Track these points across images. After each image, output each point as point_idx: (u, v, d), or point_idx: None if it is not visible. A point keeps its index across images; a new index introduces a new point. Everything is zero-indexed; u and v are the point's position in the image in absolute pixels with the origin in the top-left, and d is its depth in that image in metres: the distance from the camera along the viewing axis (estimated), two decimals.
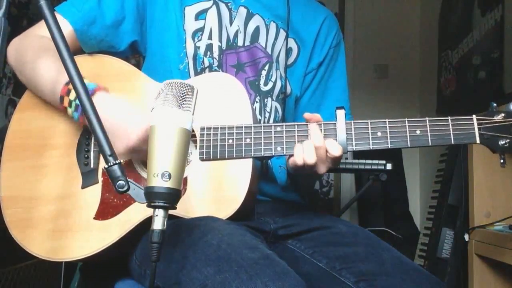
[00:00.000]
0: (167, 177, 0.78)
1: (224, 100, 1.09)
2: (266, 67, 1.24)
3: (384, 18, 3.66)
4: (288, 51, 1.28)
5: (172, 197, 0.79)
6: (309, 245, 1.11)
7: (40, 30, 1.20)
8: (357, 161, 2.38)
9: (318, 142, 0.97)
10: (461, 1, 2.90)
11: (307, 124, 1.01)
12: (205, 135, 1.03)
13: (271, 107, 1.24)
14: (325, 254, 1.06)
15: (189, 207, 1.01)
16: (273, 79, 1.24)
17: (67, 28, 1.15)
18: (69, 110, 1.05)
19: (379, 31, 3.64)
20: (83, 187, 1.10)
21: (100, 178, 1.10)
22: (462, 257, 2.13)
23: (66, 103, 1.05)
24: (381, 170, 2.34)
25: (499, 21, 2.36)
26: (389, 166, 2.33)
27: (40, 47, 1.15)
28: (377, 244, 1.08)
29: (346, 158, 2.67)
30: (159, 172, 0.78)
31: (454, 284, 2.27)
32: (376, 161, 2.35)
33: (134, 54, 1.32)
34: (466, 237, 1.81)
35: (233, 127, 1.03)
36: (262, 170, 1.18)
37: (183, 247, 0.92)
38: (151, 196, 0.79)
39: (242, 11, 1.26)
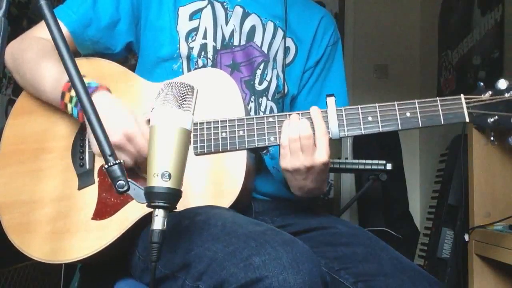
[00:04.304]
0: (167, 177, 0.78)
1: (215, 95, 1.10)
2: (261, 66, 1.24)
3: (384, 18, 3.67)
4: (286, 50, 1.28)
5: (172, 197, 0.79)
6: (307, 245, 1.10)
7: (38, 32, 1.20)
8: (357, 161, 2.39)
9: (305, 133, 0.98)
10: (461, 1, 2.90)
11: (299, 113, 1.02)
12: (198, 129, 1.05)
13: (266, 106, 1.24)
14: (323, 254, 1.06)
15: (185, 202, 1.01)
16: (268, 78, 1.24)
17: (63, 31, 1.15)
18: (69, 106, 1.06)
19: (379, 31, 3.65)
20: (80, 188, 1.10)
21: (96, 179, 1.10)
22: (462, 257, 2.13)
23: (67, 98, 1.05)
24: (381, 170, 2.34)
25: (499, 21, 2.36)
26: (389, 166, 2.33)
27: (41, 47, 1.15)
28: (376, 245, 1.08)
29: (346, 158, 2.67)
30: (159, 172, 0.78)
31: (454, 284, 2.27)
32: (376, 161, 2.35)
33: (132, 55, 1.32)
34: (466, 237, 1.80)
35: (226, 121, 1.04)
36: (259, 167, 1.18)
37: (187, 233, 0.92)
38: (151, 196, 0.79)
39: (238, 10, 1.26)
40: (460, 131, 2.21)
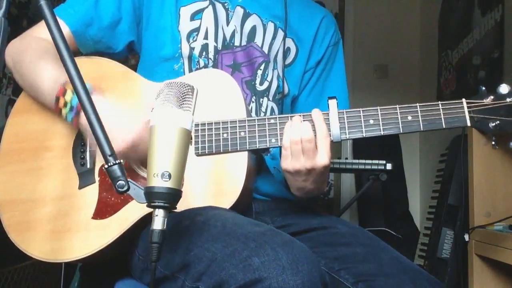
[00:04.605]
0: (167, 177, 0.78)
1: (217, 96, 1.10)
2: (262, 67, 1.24)
3: (384, 18, 3.67)
4: (286, 51, 1.28)
5: (172, 197, 0.79)
6: (307, 245, 1.10)
7: (38, 31, 1.20)
8: (357, 161, 2.39)
9: (307, 135, 0.98)
10: (461, 1, 2.90)
11: (301, 115, 1.02)
12: (199, 130, 1.05)
13: (267, 107, 1.24)
14: (323, 255, 1.06)
15: (186, 202, 1.01)
16: (268, 78, 1.25)
17: (64, 30, 1.14)
18: (64, 111, 1.04)
19: (379, 31, 3.65)
20: (80, 187, 1.10)
21: (96, 178, 1.10)
22: (462, 257, 2.14)
23: (61, 104, 1.04)
24: (381, 170, 2.34)
25: (499, 21, 2.36)
26: (389, 166, 2.33)
27: (40, 49, 1.15)
28: (376, 245, 1.08)
29: (346, 158, 2.67)
30: (159, 172, 0.78)
31: (454, 284, 2.27)
32: (376, 161, 2.35)
33: (133, 54, 1.32)
34: (466, 237, 1.81)
35: (227, 122, 1.05)
36: (259, 168, 1.18)
37: (187, 233, 0.93)
38: (151, 196, 0.79)
39: (239, 10, 1.26)
40: (460, 131, 2.21)
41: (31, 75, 1.13)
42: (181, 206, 0.94)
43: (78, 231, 1.07)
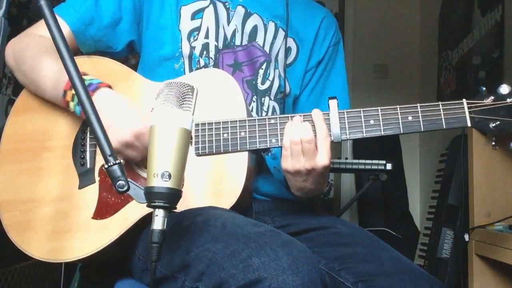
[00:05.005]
0: (167, 177, 0.78)
1: (217, 96, 1.10)
2: (264, 66, 1.24)
3: (384, 18, 3.67)
4: (287, 51, 1.28)
5: (172, 197, 0.79)
6: (307, 245, 1.09)
7: (39, 29, 1.20)
8: (357, 161, 2.39)
9: (307, 136, 0.98)
10: (461, 1, 2.90)
11: (301, 115, 1.02)
12: (200, 130, 1.05)
13: (269, 106, 1.24)
14: (324, 255, 1.06)
15: (186, 202, 1.02)
16: (270, 78, 1.25)
17: (64, 29, 1.15)
18: (72, 104, 1.06)
19: (379, 31, 3.65)
20: (80, 187, 1.10)
21: (97, 178, 1.10)
22: (462, 257, 2.14)
23: (69, 97, 1.06)
24: (381, 170, 2.34)
25: (499, 21, 2.36)
26: (389, 166, 2.33)
27: (41, 46, 1.15)
28: (376, 244, 1.08)
29: (346, 158, 2.67)
30: (159, 172, 0.78)
31: (454, 284, 2.27)
32: (376, 161, 2.35)
33: (133, 54, 1.32)
34: (466, 237, 1.81)
35: (228, 122, 1.05)
36: (260, 167, 1.18)
37: (187, 233, 0.93)
38: (151, 196, 0.79)
39: (240, 10, 1.26)
40: (460, 132, 2.21)
41: (34, 71, 1.13)
42: (181, 206, 0.94)
43: (78, 231, 1.07)
